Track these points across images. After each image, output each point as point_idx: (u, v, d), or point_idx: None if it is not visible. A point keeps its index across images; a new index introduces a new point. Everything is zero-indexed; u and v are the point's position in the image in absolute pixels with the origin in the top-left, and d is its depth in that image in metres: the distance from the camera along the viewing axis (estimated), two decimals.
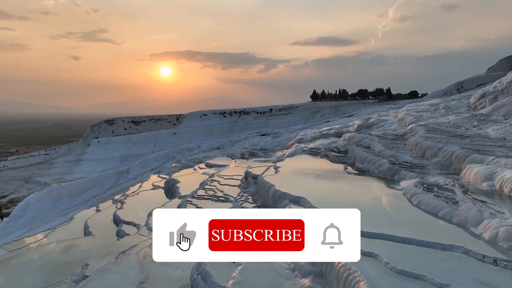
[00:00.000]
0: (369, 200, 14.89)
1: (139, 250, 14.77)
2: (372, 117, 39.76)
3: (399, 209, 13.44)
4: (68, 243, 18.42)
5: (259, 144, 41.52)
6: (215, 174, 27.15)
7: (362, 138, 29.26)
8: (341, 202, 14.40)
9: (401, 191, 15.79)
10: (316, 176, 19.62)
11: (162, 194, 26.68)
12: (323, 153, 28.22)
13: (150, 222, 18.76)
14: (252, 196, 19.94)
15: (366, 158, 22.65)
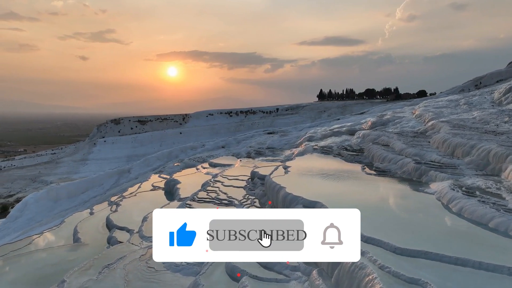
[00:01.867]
0: (398, 206, 12.57)
1: (126, 264, 12.58)
2: (387, 114, 37.33)
3: (437, 218, 11.10)
4: (51, 252, 16.32)
5: (266, 143, 39.30)
6: (218, 174, 25.01)
7: (378, 136, 26.89)
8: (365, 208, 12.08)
9: (433, 195, 13.45)
10: (331, 177, 17.31)
11: (161, 196, 24.60)
12: (336, 151, 25.92)
13: (143, 229, 16.61)
14: (259, 199, 17.71)
15: (387, 157, 20.30)
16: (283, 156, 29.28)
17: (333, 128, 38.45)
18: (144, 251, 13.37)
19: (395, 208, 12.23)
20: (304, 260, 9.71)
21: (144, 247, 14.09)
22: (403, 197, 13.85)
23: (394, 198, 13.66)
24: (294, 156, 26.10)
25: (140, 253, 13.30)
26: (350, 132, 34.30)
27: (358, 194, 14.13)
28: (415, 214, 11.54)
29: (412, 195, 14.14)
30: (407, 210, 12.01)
